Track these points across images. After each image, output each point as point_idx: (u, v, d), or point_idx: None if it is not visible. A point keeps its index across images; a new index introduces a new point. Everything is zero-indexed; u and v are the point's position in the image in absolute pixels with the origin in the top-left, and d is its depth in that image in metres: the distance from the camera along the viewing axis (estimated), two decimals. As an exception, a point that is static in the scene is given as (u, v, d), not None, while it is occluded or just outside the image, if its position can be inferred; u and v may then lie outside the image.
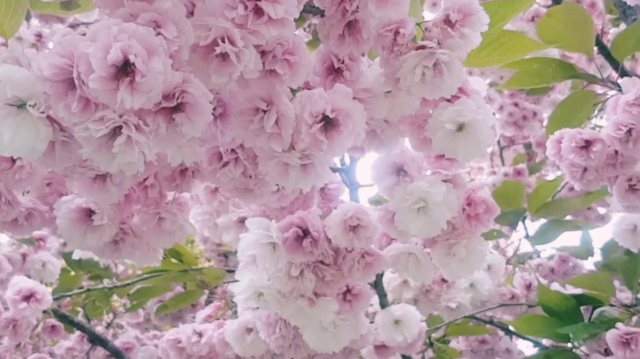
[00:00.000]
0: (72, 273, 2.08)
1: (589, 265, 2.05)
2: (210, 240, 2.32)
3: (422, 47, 0.71)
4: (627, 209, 1.13)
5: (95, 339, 1.98)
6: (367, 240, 0.94)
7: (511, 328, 1.77)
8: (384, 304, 1.27)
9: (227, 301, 1.37)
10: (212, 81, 0.63)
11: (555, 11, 1.10)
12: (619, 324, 1.16)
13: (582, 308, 1.37)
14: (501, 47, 0.94)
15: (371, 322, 1.21)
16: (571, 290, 1.50)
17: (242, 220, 1.07)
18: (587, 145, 1.05)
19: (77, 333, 2.06)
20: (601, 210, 2.32)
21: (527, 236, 2.27)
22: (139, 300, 1.96)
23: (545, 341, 1.81)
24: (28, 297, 1.39)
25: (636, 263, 1.32)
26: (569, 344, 1.38)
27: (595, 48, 1.58)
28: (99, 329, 2.19)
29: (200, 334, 1.22)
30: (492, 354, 1.92)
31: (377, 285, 1.26)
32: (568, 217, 1.99)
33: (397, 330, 1.21)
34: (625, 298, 1.38)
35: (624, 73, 1.21)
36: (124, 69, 0.55)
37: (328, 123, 0.69)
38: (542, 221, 1.90)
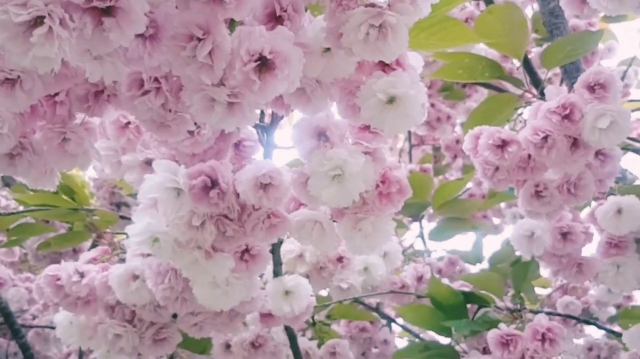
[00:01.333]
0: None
1: (475, 271, 2.11)
2: (105, 187, 2.23)
3: (372, 5, 0.69)
4: (529, 214, 1.16)
5: (-34, 269, 1.87)
6: (277, 200, 0.91)
7: (393, 316, 1.80)
8: (277, 273, 1.25)
9: (115, 247, 1.31)
10: (153, -10, 0.59)
11: (495, 9, 1.11)
12: (501, 325, 1.19)
13: (468, 306, 1.41)
14: (441, 31, 0.94)
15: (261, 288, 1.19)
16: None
17: (148, 162, 1.02)
18: (503, 144, 1.06)
19: (-52, 258, 1.94)
20: (496, 221, 2.40)
21: (421, 235, 2.33)
22: (18, 236, 1.85)
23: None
24: None
25: (527, 270, 1.36)
26: (449, 340, 1.41)
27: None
28: (-28, 258, 2.06)
29: (82, 275, 1.15)
30: (370, 343, 1.95)
31: (274, 253, 1.24)
32: (463, 221, 2.05)
33: (286, 301, 1.20)
34: (510, 302, 1.42)
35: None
36: (59, -48, 0.50)
37: (264, 64, 0.67)
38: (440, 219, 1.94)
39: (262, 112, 1.08)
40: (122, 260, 1.21)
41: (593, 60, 2.25)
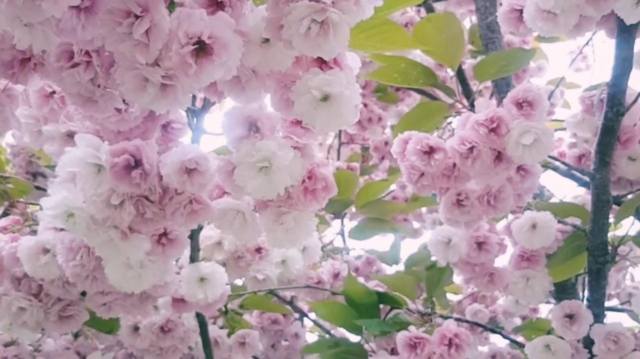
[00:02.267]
0: None
1: (391, 272, 2.14)
2: (22, 155, 2.15)
3: (316, 0, 0.69)
4: (448, 221, 1.18)
5: None
6: (201, 186, 0.90)
7: (306, 311, 1.81)
8: (194, 258, 1.23)
9: (27, 218, 1.27)
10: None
11: (434, 17, 1.13)
12: (411, 328, 1.22)
13: (381, 306, 1.43)
14: (381, 34, 0.95)
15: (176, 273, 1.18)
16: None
17: (70, 134, 0.98)
18: (430, 151, 1.08)
19: None
20: (416, 225, 2.43)
21: (342, 233, 2.34)
22: None
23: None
24: None
25: (441, 275, 1.39)
26: (360, 338, 1.43)
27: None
28: None
29: (-10, 244, 1.11)
30: (280, 336, 1.95)
31: (193, 238, 1.22)
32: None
33: (200, 287, 1.18)
34: (421, 305, 1.45)
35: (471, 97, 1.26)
36: None
37: (202, 49, 0.65)
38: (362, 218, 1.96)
39: (194, 96, 1.06)
40: (34, 232, 1.17)
41: (523, 77, 2.31)
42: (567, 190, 2.55)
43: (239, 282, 1.61)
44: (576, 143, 1.67)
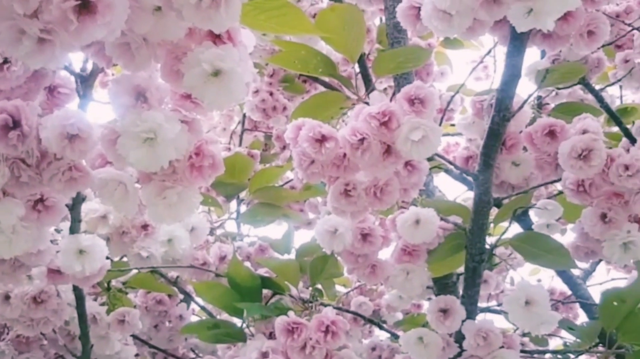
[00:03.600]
0: None
1: (282, 260, 2.15)
2: None
3: (209, -28, 0.68)
4: (335, 211, 1.19)
5: None
6: (81, 153, 0.88)
7: (195, 295, 1.79)
8: (74, 229, 1.20)
9: None
10: None
11: (337, 7, 1.14)
12: (290, 313, 1.22)
13: (265, 291, 1.43)
14: (281, 17, 0.94)
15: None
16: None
17: (-53, 91, 0.94)
18: (322, 139, 1.09)
19: None
20: (311, 216, 2.45)
21: (237, 218, 2.33)
22: None
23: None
24: None
25: (324, 263, 1.41)
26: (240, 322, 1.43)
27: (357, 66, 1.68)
28: None
29: None
30: (165, 317, 1.92)
31: (74, 209, 1.19)
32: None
33: (78, 259, 1.15)
34: (303, 292, 1.46)
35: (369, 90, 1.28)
36: None
37: (85, 6, 0.64)
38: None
39: (84, 62, 1.03)
40: None
41: (427, 81, 2.36)
42: (459, 194, 2.63)
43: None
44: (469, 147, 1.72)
